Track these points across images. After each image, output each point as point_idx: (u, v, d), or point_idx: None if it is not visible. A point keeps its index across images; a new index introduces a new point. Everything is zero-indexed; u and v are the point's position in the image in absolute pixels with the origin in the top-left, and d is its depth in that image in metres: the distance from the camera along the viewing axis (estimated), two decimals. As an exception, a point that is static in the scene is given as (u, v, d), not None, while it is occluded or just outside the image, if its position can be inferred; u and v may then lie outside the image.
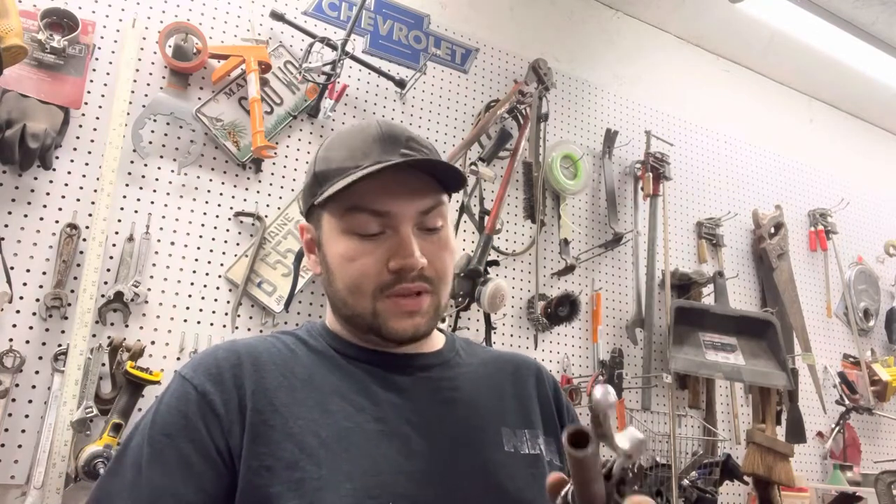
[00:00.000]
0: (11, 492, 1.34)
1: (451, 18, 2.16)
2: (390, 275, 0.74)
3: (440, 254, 0.77)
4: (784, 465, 2.10)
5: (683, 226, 2.51)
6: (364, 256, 0.74)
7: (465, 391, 0.80)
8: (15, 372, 1.37)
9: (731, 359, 2.19)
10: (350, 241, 0.75)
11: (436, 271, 0.76)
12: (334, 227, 0.76)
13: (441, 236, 0.78)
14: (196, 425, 0.69)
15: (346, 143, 0.77)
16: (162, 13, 1.69)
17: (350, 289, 0.75)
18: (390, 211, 0.74)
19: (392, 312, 0.74)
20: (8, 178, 1.45)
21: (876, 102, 3.14)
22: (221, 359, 0.74)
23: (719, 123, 2.73)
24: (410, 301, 0.75)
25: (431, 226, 0.77)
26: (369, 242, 0.74)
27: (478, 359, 0.87)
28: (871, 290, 2.94)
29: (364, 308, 0.75)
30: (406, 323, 0.75)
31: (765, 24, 2.61)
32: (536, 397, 0.86)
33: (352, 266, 0.75)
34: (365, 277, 0.74)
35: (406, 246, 0.73)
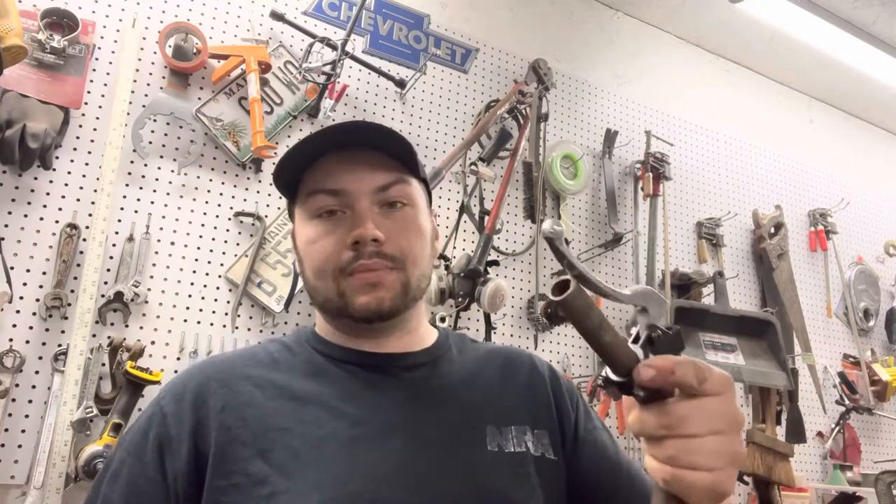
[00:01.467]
0: (11, 492, 1.34)
1: (451, 18, 2.16)
2: (349, 251, 0.73)
3: (404, 231, 0.76)
4: (784, 465, 2.09)
5: (683, 226, 2.50)
6: (324, 237, 0.75)
7: (450, 391, 0.79)
8: (15, 372, 1.37)
9: (731, 359, 2.19)
10: (313, 224, 0.76)
11: (400, 249, 0.75)
12: (302, 216, 0.79)
13: (405, 214, 0.77)
14: (150, 447, 0.70)
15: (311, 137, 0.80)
16: (162, 13, 1.69)
17: (315, 273, 0.76)
18: (345, 188, 0.75)
19: (355, 288, 0.74)
20: (8, 178, 1.45)
21: (876, 102, 3.14)
22: (189, 378, 0.75)
23: (719, 123, 2.73)
24: (373, 275, 0.73)
25: (393, 200, 0.77)
26: (329, 223, 0.75)
27: (469, 356, 0.85)
28: (871, 290, 2.94)
29: (330, 290, 0.75)
30: (369, 296, 0.73)
31: (765, 24, 2.61)
32: (527, 388, 0.83)
33: (314, 248, 0.76)
34: (326, 258, 0.74)
35: (360, 218, 0.74)
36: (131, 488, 0.69)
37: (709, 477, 0.48)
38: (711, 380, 0.49)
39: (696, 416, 0.48)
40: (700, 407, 0.49)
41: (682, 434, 0.48)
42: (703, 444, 0.48)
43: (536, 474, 0.74)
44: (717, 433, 0.48)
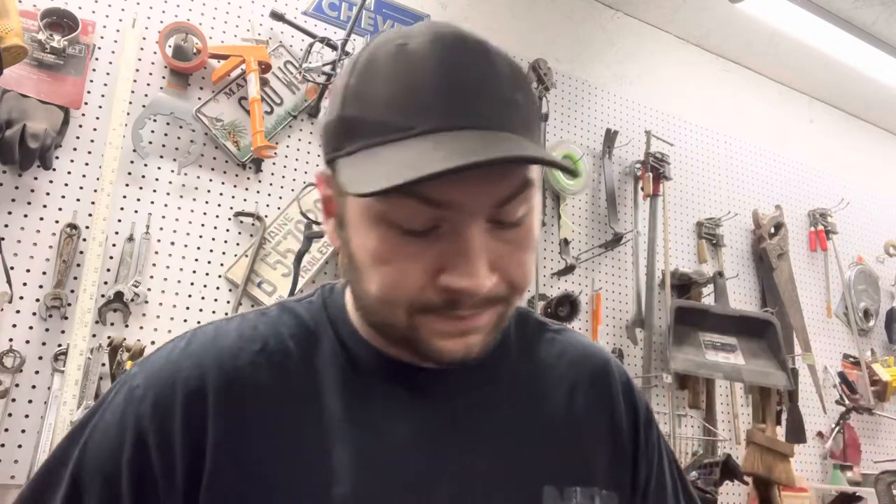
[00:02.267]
0: (11, 492, 1.34)
1: (451, 18, 2.16)
2: (438, 294, 0.50)
3: (518, 257, 0.53)
4: (784, 465, 2.10)
5: (683, 226, 2.50)
6: (404, 260, 0.50)
7: (501, 424, 0.60)
8: (15, 372, 1.37)
9: (731, 359, 2.19)
10: (388, 232, 0.50)
11: (509, 284, 0.52)
12: (366, 210, 0.51)
13: (522, 231, 0.52)
14: (126, 476, 0.53)
15: (392, 78, 0.50)
16: (162, 13, 1.69)
17: (380, 299, 0.52)
18: (452, 201, 0.48)
19: (437, 331, 0.52)
20: (8, 178, 1.45)
21: (876, 102, 3.13)
22: (179, 383, 0.55)
23: (719, 123, 2.73)
24: (461, 324, 0.52)
25: (510, 219, 0.51)
26: (415, 240, 0.50)
27: (532, 358, 0.66)
28: (871, 290, 2.94)
29: (398, 321, 0.52)
30: (456, 344, 0.53)
31: (765, 24, 2.61)
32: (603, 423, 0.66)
33: (384, 270, 0.51)
34: (400, 290, 0.51)
35: (470, 261, 0.49)
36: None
37: None
38: None
39: None
40: None
41: None
42: None
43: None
44: None
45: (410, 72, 0.49)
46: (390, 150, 0.48)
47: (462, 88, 0.49)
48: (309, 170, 1.81)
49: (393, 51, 0.50)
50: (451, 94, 0.48)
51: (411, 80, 0.49)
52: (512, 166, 0.50)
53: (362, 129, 0.50)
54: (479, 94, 0.49)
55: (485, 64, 0.50)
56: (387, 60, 0.50)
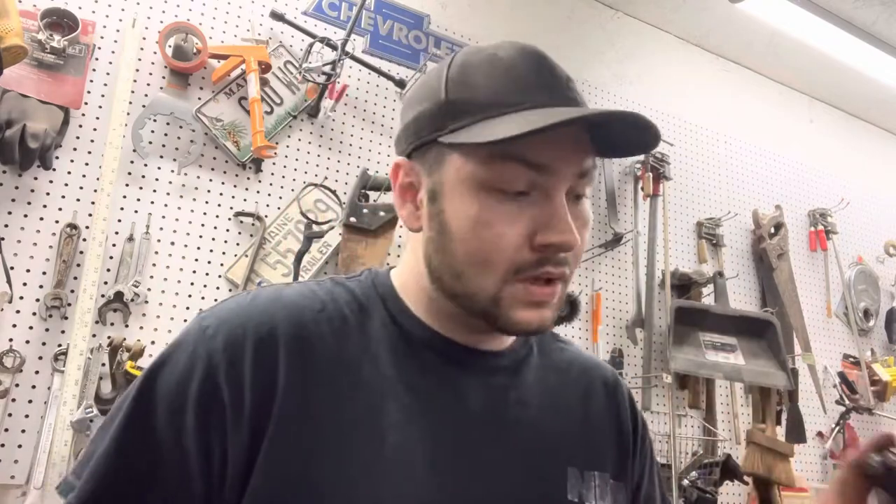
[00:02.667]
0: (11, 492, 1.34)
1: (451, 18, 2.16)
2: (532, 253, 0.57)
3: (584, 232, 0.61)
4: (784, 465, 2.10)
5: (683, 226, 2.50)
6: (503, 223, 0.57)
7: (533, 409, 0.66)
8: (15, 372, 1.37)
9: (731, 359, 2.19)
10: (488, 199, 0.57)
11: (576, 255, 0.61)
12: (469, 178, 0.58)
13: (585, 208, 0.62)
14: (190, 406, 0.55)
15: (493, 73, 0.59)
16: (162, 13, 1.69)
17: (476, 262, 0.58)
18: (549, 165, 0.57)
19: (520, 301, 0.58)
20: (8, 178, 1.45)
21: (876, 102, 3.13)
22: (251, 327, 0.58)
23: (719, 123, 2.73)
24: (544, 289, 0.59)
25: (580, 192, 0.61)
26: (510, 205, 0.57)
27: (551, 362, 0.72)
28: (871, 290, 2.94)
29: (485, 289, 0.58)
30: (532, 314, 0.59)
31: (765, 24, 2.61)
32: (614, 425, 0.72)
33: (486, 233, 0.57)
34: (499, 252, 0.57)
35: (562, 218, 0.57)
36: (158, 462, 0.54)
37: None
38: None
39: None
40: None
41: None
42: None
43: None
44: None
45: (509, 68, 0.59)
46: (506, 119, 0.56)
47: (555, 79, 0.60)
48: (309, 170, 1.81)
49: (486, 57, 0.60)
50: (548, 80, 0.59)
51: (513, 73, 0.59)
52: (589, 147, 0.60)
53: (472, 108, 0.58)
54: (569, 84, 0.60)
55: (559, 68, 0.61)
56: (482, 63, 0.60)
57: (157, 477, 0.55)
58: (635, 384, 2.17)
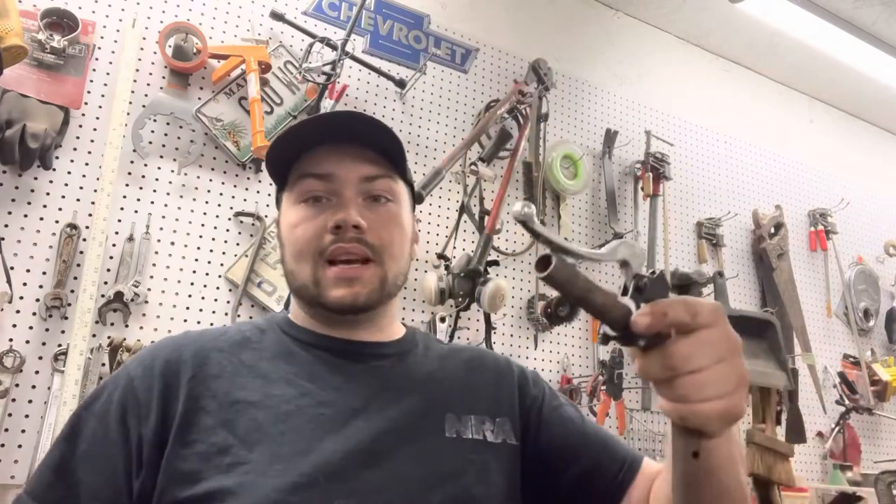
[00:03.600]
0: (11, 492, 1.34)
1: (451, 18, 2.16)
2: (330, 235, 0.75)
3: (386, 225, 0.78)
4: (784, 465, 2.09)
5: (683, 226, 2.50)
6: (307, 221, 0.76)
7: (414, 380, 0.80)
8: (15, 372, 1.37)
9: (731, 359, 2.19)
10: (298, 208, 0.78)
11: (380, 240, 0.77)
12: (289, 201, 0.80)
13: (388, 209, 0.79)
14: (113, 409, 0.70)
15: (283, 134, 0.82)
16: (162, 13, 1.69)
17: (294, 255, 0.77)
18: (333, 173, 0.77)
19: (331, 280, 0.75)
20: (8, 178, 1.45)
21: (876, 102, 3.14)
22: (159, 348, 0.76)
23: (719, 123, 2.73)
24: (351, 269, 0.75)
25: (377, 193, 0.79)
26: (314, 208, 0.77)
27: (434, 353, 0.87)
28: (871, 290, 2.94)
29: (307, 275, 0.76)
30: (345, 291, 0.75)
31: (765, 24, 2.61)
32: (492, 382, 0.85)
33: (296, 231, 0.77)
34: (307, 241, 0.76)
35: (343, 204, 0.76)
36: (90, 449, 0.69)
37: (721, 404, 0.50)
38: (703, 312, 0.51)
39: (697, 351, 0.50)
40: (698, 341, 0.50)
41: (688, 371, 0.50)
42: (709, 376, 0.50)
43: (495, 460, 0.77)
44: (720, 361, 0.50)
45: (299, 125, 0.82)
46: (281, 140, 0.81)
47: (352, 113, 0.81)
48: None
49: None
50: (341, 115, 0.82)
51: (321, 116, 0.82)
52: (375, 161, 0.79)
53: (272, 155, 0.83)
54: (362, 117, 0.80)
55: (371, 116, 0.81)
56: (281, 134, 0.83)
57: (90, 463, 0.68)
58: (635, 384, 2.17)
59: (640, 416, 2.16)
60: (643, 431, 2.16)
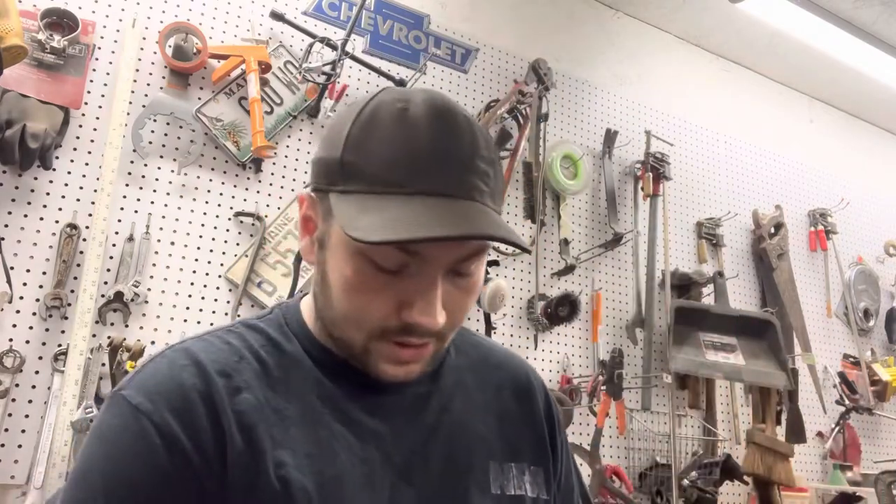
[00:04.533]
0: (11, 492, 1.34)
1: (451, 18, 2.16)
2: (398, 322, 0.60)
3: (463, 302, 0.64)
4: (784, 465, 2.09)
5: (683, 226, 2.50)
6: (372, 292, 0.60)
7: (454, 413, 0.71)
8: (15, 372, 1.37)
9: (731, 359, 2.19)
10: (362, 265, 0.59)
11: (453, 325, 0.64)
12: (347, 242, 0.59)
13: (472, 281, 0.63)
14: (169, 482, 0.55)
15: (392, 139, 0.58)
16: (162, 13, 1.69)
17: (345, 318, 0.62)
18: (423, 253, 0.58)
19: (386, 357, 0.62)
20: (8, 178, 1.45)
21: (876, 102, 3.14)
22: (187, 382, 0.59)
23: (719, 123, 2.73)
24: (411, 352, 0.62)
25: (464, 272, 0.62)
26: (385, 276, 0.59)
27: (467, 358, 0.77)
28: (871, 290, 2.94)
29: (356, 342, 0.62)
30: (399, 370, 0.63)
31: (765, 24, 2.61)
32: (528, 415, 0.78)
33: (356, 298, 0.61)
34: (367, 315, 0.60)
35: (430, 303, 0.59)
36: None
37: None
38: None
39: None
40: None
41: None
42: None
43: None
44: None
45: (410, 137, 0.58)
46: (385, 202, 0.57)
47: (450, 158, 0.59)
48: (309, 170, 1.81)
49: (395, 113, 0.59)
50: (441, 162, 0.58)
51: (410, 145, 0.58)
52: None
53: (360, 176, 0.59)
54: (463, 166, 0.59)
55: (470, 138, 0.60)
56: (388, 121, 0.59)
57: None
58: (635, 384, 2.17)
59: (640, 416, 2.16)
60: (643, 431, 2.16)
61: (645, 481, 2.07)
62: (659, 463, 2.09)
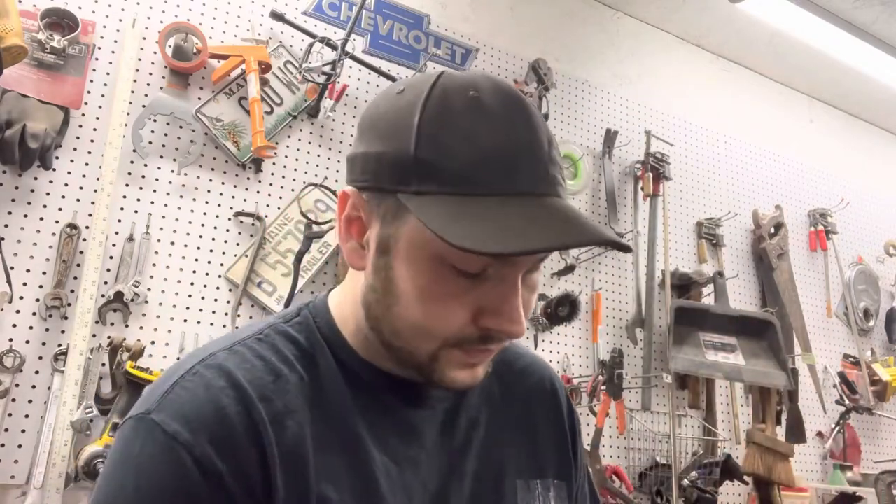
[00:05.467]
0: (11, 492, 1.34)
1: (451, 18, 2.16)
2: (476, 330, 0.56)
3: (531, 301, 0.60)
4: (784, 465, 2.10)
5: (683, 226, 2.50)
6: (451, 299, 0.55)
7: (482, 427, 0.69)
8: (15, 372, 1.37)
9: (731, 359, 2.19)
10: (441, 271, 0.55)
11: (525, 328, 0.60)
12: (425, 246, 0.54)
13: (536, 278, 0.60)
14: None
15: (470, 132, 0.53)
16: (162, 13, 1.69)
17: (416, 328, 0.57)
18: (510, 259, 0.55)
19: (456, 363, 0.58)
20: (8, 178, 1.45)
21: (876, 102, 3.14)
22: (229, 410, 0.54)
23: (719, 123, 2.73)
24: (481, 354, 0.59)
25: (535, 270, 0.59)
26: (463, 281, 0.55)
27: (493, 364, 0.72)
28: (871, 290, 2.94)
29: (423, 351, 0.58)
30: (466, 374, 0.59)
31: (765, 24, 2.61)
32: (553, 426, 0.76)
33: (433, 307, 0.55)
34: (445, 324, 0.56)
35: (514, 307, 0.55)
36: None
37: None
38: None
39: None
40: None
41: None
42: None
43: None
44: None
45: (492, 130, 0.53)
46: (477, 205, 0.51)
47: (534, 152, 0.54)
48: (309, 170, 1.81)
49: (468, 103, 0.54)
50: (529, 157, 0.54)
51: (495, 139, 0.53)
52: None
53: (444, 176, 0.53)
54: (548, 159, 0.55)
55: (544, 127, 0.56)
56: (463, 112, 0.54)
57: None
58: (635, 384, 2.17)
59: (640, 416, 2.16)
60: (643, 431, 2.16)
61: (645, 481, 2.07)
62: (659, 463, 2.09)
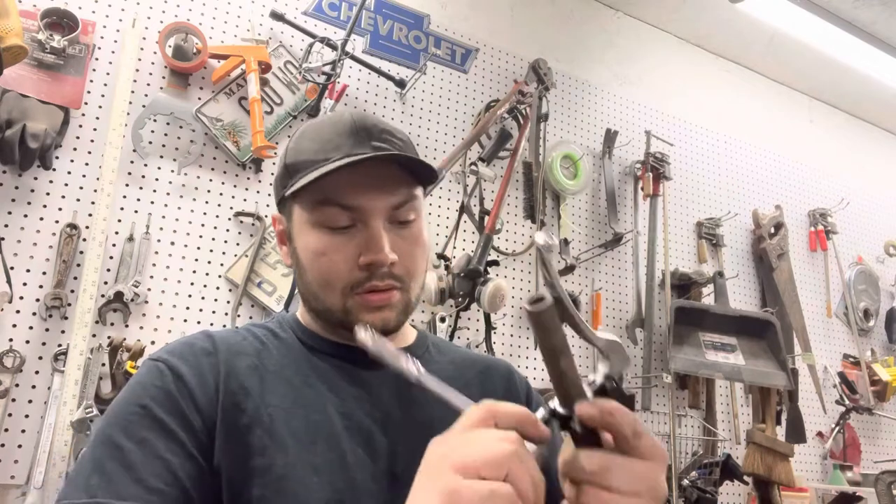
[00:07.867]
0: (11, 492, 1.34)
1: (451, 18, 2.16)
2: (361, 271, 0.73)
3: (412, 250, 0.76)
4: (784, 465, 2.10)
5: (683, 226, 2.51)
6: (334, 251, 0.73)
7: None
8: (15, 372, 1.37)
9: (731, 359, 2.19)
10: (320, 234, 0.73)
11: (406, 269, 0.75)
12: (305, 220, 0.75)
13: (413, 230, 0.77)
14: (174, 398, 0.66)
15: (317, 134, 0.75)
16: (162, 13, 1.69)
17: (320, 283, 0.74)
18: (360, 205, 0.73)
19: (362, 308, 0.73)
20: (8, 178, 1.45)
21: (876, 102, 3.14)
22: (196, 344, 0.73)
23: (719, 123, 2.73)
24: (380, 296, 0.73)
25: (403, 219, 0.75)
26: (339, 236, 0.73)
27: (447, 358, 0.86)
28: (871, 290, 2.94)
29: (334, 304, 0.74)
30: (375, 316, 0.73)
31: (765, 24, 2.61)
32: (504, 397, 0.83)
33: (322, 260, 0.73)
34: (335, 273, 0.73)
35: (376, 241, 0.72)
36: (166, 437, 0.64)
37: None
38: (646, 442, 0.50)
39: (621, 472, 0.48)
40: (627, 464, 0.49)
41: (602, 484, 0.48)
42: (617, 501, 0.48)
43: None
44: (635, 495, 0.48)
45: (330, 128, 0.76)
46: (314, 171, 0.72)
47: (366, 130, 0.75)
48: (309, 170, 1.81)
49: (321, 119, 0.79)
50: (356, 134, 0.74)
51: (331, 130, 0.75)
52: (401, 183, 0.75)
53: (300, 167, 0.75)
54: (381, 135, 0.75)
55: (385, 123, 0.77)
56: (315, 123, 0.78)
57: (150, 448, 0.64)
58: (635, 384, 2.17)
59: (640, 416, 2.16)
60: (643, 431, 2.16)
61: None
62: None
